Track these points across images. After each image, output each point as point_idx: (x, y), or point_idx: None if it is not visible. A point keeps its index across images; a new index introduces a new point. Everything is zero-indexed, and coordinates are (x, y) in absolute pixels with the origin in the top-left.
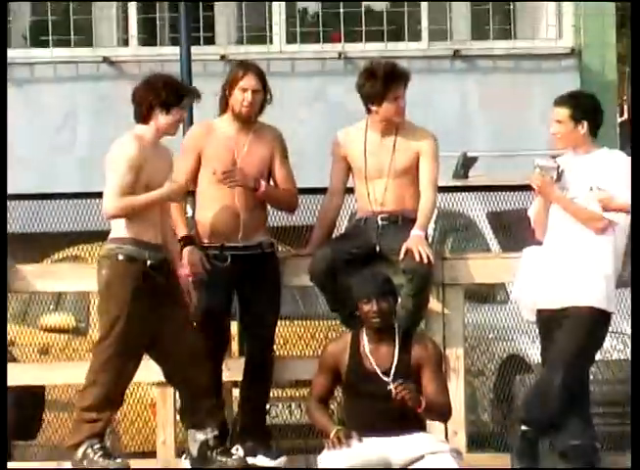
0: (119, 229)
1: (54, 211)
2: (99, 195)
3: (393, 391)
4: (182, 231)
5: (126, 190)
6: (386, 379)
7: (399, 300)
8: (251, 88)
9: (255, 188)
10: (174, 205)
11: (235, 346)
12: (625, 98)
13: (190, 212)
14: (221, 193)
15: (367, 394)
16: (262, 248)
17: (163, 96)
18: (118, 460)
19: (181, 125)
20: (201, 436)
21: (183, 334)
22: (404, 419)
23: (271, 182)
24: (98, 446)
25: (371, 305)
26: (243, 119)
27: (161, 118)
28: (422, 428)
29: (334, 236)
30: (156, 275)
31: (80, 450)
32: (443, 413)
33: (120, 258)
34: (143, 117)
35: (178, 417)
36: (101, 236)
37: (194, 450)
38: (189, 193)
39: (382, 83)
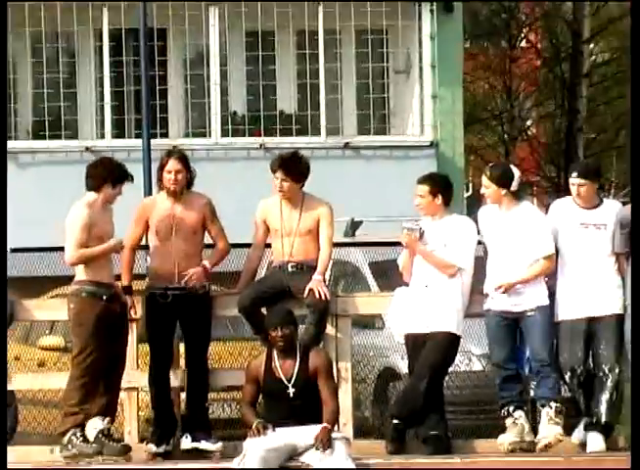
0: (81, 273)
1: (50, 260)
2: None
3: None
4: (125, 282)
5: (81, 244)
6: (287, 384)
7: (305, 326)
8: (173, 170)
9: (207, 271)
10: (123, 263)
11: (182, 361)
12: (470, 178)
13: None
14: (163, 249)
15: (277, 396)
16: (196, 290)
17: (115, 174)
18: (94, 445)
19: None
20: (100, 424)
21: (122, 350)
22: (305, 414)
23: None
24: (80, 433)
25: (277, 332)
26: (172, 194)
27: (109, 191)
28: (319, 421)
29: (256, 279)
30: (110, 305)
31: (66, 437)
32: (334, 412)
33: (83, 295)
34: (94, 187)
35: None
36: None
37: (91, 436)
38: (142, 247)
39: (275, 166)
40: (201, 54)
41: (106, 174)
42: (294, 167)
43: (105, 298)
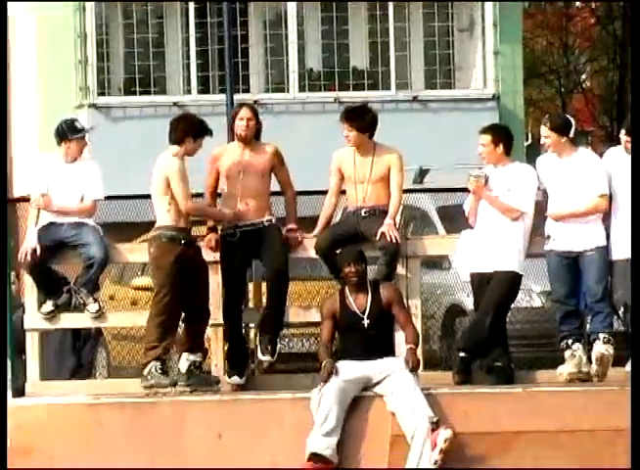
0: (161, 219)
1: (140, 207)
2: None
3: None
4: (210, 224)
5: (189, 194)
6: (361, 316)
7: (377, 267)
8: (245, 117)
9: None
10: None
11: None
12: (529, 129)
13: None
14: (233, 191)
15: (352, 328)
16: (264, 224)
17: (196, 128)
18: (170, 376)
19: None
20: (192, 357)
21: (202, 290)
22: (378, 345)
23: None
24: (159, 366)
25: (350, 268)
26: (243, 140)
27: (190, 144)
28: (392, 353)
29: (332, 223)
30: (187, 249)
31: (147, 369)
32: (414, 333)
33: (163, 240)
34: (177, 140)
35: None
36: None
37: (183, 368)
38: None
39: (341, 119)
40: (279, 15)
41: (188, 128)
42: (357, 119)
43: (182, 242)
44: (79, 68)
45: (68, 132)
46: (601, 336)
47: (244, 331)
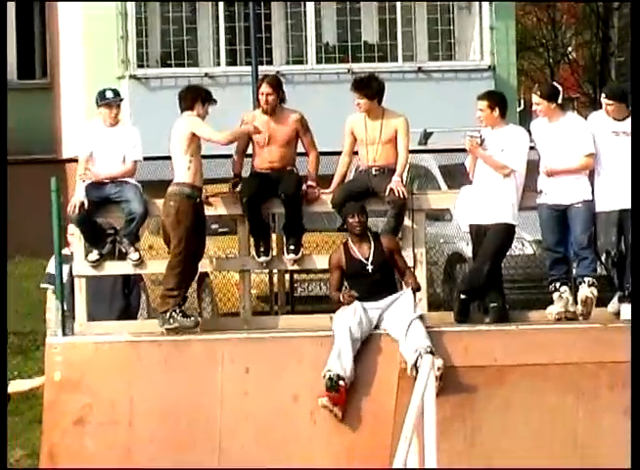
0: (180, 176)
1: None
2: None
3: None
4: (237, 170)
5: (214, 130)
6: (366, 262)
7: (386, 220)
8: (265, 92)
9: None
10: (236, 161)
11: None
12: (522, 96)
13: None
14: (262, 154)
15: (358, 274)
16: (286, 171)
17: (203, 94)
18: (192, 318)
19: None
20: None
21: (203, 242)
22: (383, 288)
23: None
24: (179, 310)
25: (354, 219)
26: (265, 112)
27: (200, 109)
28: (395, 292)
29: (346, 180)
30: (200, 206)
31: (167, 314)
32: (412, 273)
33: (183, 195)
34: (188, 107)
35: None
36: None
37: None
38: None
39: (351, 89)
40: None
41: (196, 95)
42: (364, 88)
43: (197, 200)
44: (121, 42)
45: (98, 100)
46: (586, 279)
47: (268, 277)
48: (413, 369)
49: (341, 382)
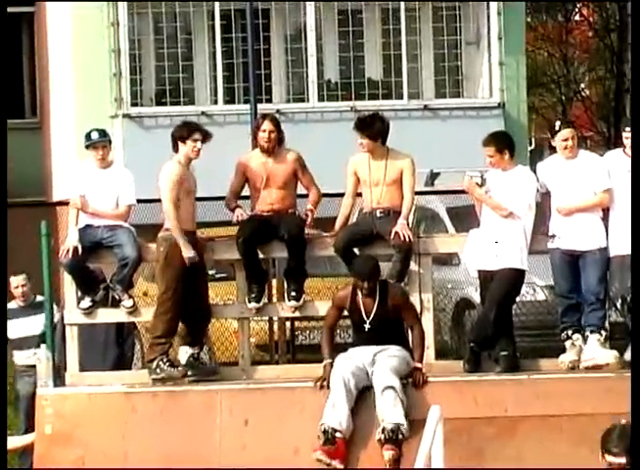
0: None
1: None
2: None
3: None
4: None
5: (172, 198)
6: (365, 319)
7: (391, 264)
8: (267, 129)
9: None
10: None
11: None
12: (533, 134)
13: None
14: (259, 196)
15: (356, 326)
16: (288, 213)
17: (178, 132)
18: (180, 369)
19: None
20: (191, 350)
21: (201, 290)
22: (380, 342)
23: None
24: (166, 359)
25: (363, 284)
26: (265, 150)
27: (182, 148)
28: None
29: (349, 223)
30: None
31: (154, 363)
32: (421, 332)
33: (172, 240)
34: (174, 148)
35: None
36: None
37: (183, 360)
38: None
39: (354, 128)
40: (299, 30)
41: (177, 134)
42: (367, 128)
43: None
44: (114, 80)
45: (85, 141)
46: (603, 333)
47: (268, 325)
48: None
49: (337, 434)
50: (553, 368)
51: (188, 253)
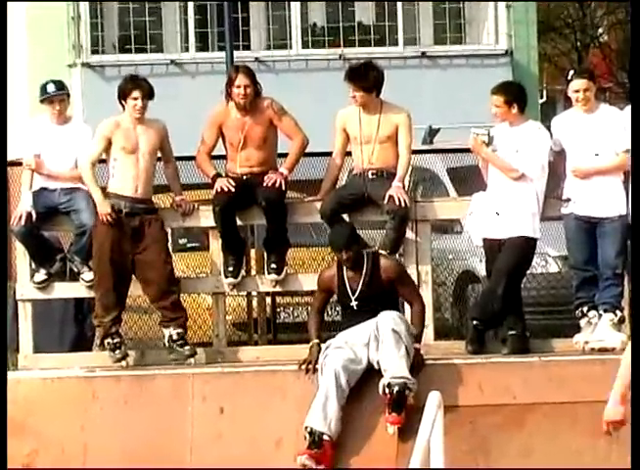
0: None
1: None
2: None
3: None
4: (211, 173)
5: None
6: (351, 296)
7: (385, 232)
8: (242, 84)
9: (285, 178)
10: (204, 164)
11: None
12: (545, 85)
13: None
14: (237, 157)
15: (344, 306)
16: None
17: (119, 89)
18: (117, 352)
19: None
20: (166, 331)
21: (156, 262)
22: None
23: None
24: (109, 340)
25: (342, 254)
26: (241, 107)
27: (127, 106)
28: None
29: (337, 186)
30: (130, 219)
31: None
32: (420, 310)
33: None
34: (122, 105)
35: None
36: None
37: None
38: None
39: (345, 79)
40: None
41: (119, 91)
42: (362, 79)
43: (125, 212)
44: (71, 24)
45: (40, 95)
46: (618, 313)
47: (246, 300)
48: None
49: (325, 437)
50: (567, 349)
51: (101, 207)
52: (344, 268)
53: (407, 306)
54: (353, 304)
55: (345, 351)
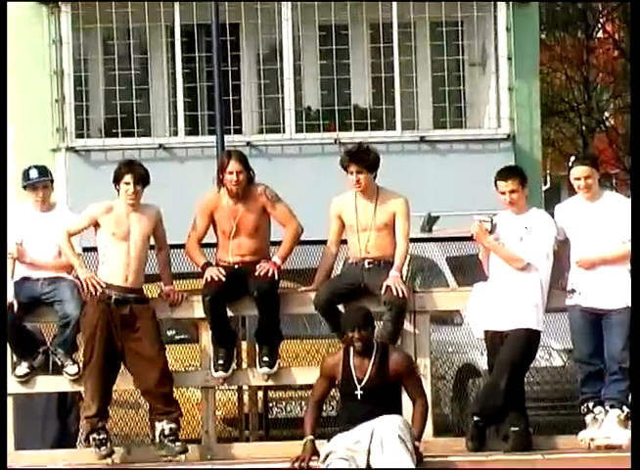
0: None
1: None
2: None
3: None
4: (202, 262)
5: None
6: (357, 385)
7: (382, 323)
8: (235, 171)
9: (278, 267)
10: (194, 252)
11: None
12: (548, 171)
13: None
14: (228, 245)
15: (347, 397)
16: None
17: (113, 175)
18: (103, 448)
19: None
20: (158, 425)
21: (150, 353)
22: (377, 413)
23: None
24: (94, 436)
25: (354, 334)
26: (234, 194)
27: (119, 191)
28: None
29: (332, 276)
30: (120, 309)
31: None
32: (423, 409)
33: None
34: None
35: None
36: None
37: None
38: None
39: (346, 161)
40: (274, 49)
41: (113, 176)
42: (365, 158)
43: (114, 298)
44: (55, 107)
45: (22, 181)
46: (625, 409)
47: (237, 395)
48: None
49: None
50: (572, 447)
51: (82, 274)
52: (351, 355)
53: (405, 399)
54: (358, 393)
55: (349, 463)
